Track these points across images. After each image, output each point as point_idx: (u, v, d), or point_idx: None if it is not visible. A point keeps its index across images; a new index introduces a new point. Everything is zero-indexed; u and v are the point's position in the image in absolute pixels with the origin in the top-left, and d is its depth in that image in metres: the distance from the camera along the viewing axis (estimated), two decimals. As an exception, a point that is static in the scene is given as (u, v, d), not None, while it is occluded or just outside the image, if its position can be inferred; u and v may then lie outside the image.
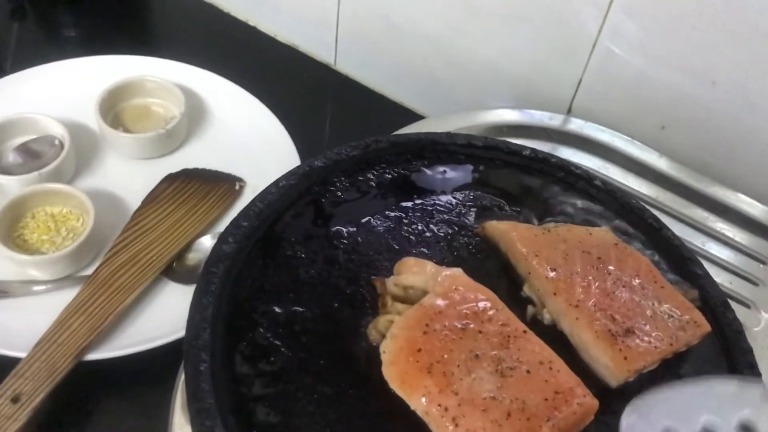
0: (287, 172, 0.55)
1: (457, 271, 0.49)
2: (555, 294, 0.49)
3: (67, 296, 0.68)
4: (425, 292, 0.48)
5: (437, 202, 0.56)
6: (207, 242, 0.74)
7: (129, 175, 0.80)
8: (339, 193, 0.55)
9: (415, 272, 0.48)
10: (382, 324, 0.47)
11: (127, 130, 0.82)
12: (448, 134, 0.60)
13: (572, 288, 0.49)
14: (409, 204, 0.55)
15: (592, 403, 0.43)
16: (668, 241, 0.55)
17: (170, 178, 0.79)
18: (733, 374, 0.48)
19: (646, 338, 0.46)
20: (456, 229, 0.54)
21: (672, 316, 0.48)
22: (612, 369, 0.45)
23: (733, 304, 0.54)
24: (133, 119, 0.84)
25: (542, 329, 0.48)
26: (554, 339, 0.47)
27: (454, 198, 0.56)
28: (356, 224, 0.53)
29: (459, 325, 0.45)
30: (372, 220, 0.54)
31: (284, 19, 0.98)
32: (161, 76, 0.85)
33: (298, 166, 0.55)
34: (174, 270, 0.72)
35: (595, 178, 0.58)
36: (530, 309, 0.50)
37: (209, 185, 0.79)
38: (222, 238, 0.50)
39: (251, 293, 0.48)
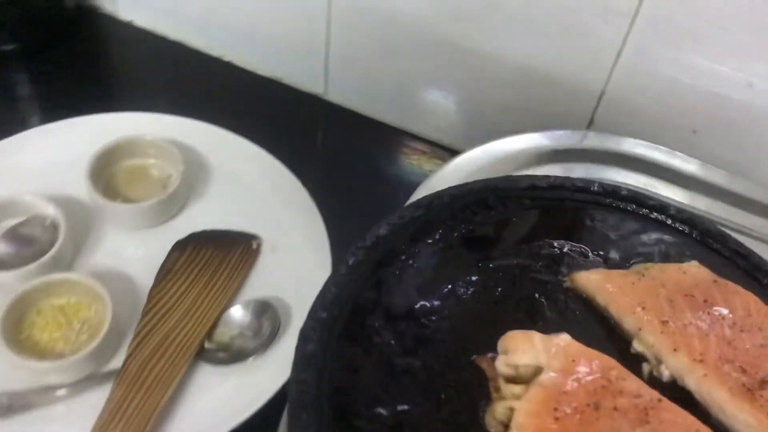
0: (353, 247, 0.50)
1: (566, 338, 0.45)
2: (675, 350, 0.45)
3: (92, 398, 0.62)
4: (538, 367, 0.44)
5: (517, 256, 0.52)
6: (237, 314, 0.68)
7: (133, 249, 0.73)
8: (411, 262, 0.50)
9: (525, 349, 0.44)
10: (500, 412, 0.42)
11: (123, 198, 0.75)
12: (508, 178, 0.56)
13: (691, 341, 0.45)
14: (489, 264, 0.51)
15: (752, 471, 0.40)
16: (759, 267, 0.53)
17: (180, 247, 0.73)
18: None
19: (785, 388, 0.43)
20: (544, 285, 0.50)
21: (799, 356, 0.45)
22: (756, 428, 0.42)
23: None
24: (126, 184, 0.77)
25: (662, 387, 0.45)
26: (678, 397, 0.44)
27: (533, 249, 0.52)
28: (439, 295, 0.49)
29: (590, 404, 0.41)
30: (454, 288, 0.49)
31: (264, 51, 0.92)
32: (148, 132, 0.78)
33: (363, 239, 0.50)
34: (206, 350, 0.66)
35: (670, 207, 0.55)
36: (645, 367, 0.47)
37: (224, 249, 0.73)
38: (304, 336, 0.45)
39: (349, 396, 0.43)
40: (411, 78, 0.86)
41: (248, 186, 0.79)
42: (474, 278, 0.50)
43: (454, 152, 0.74)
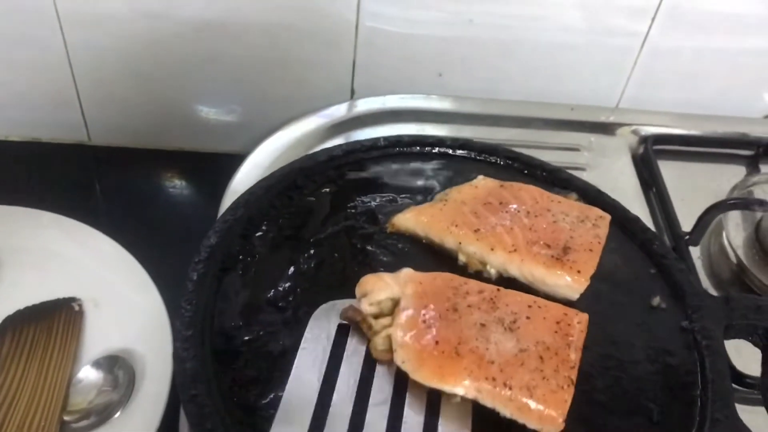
0: (193, 263, 0.51)
1: (409, 270, 0.51)
2: (492, 249, 0.53)
3: None
4: (394, 300, 0.49)
5: (339, 221, 0.56)
6: (89, 375, 0.65)
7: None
8: (249, 258, 0.53)
9: (380, 287, 0.49)
10: (380, 342, 0.47)
11: None
12: (309, 156, 0.60)
13: (502, 238, 0.53)
14: (320, 236, 0.55)
15: (585, 316, 0.48)
16: (530, 164, 0.63)
17: (-2, 335, 0.68)
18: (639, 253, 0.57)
19: (581, 248, 0.53)
20: (372, 236, 0.56)
21: (583, 220, 0.55)
22: (573, 286, 0.51)
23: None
24: None
25: (493, 283, 0.53)
26: (508, 286, 0.52)
27: (351, 211, 0.57)
28: (286, 278, 0.52)
29: (449, 309, 0.48)
30: (298, 267, 0.53)
31: (11, 115, 0.88)
32: None
33: (198, 253, 0.52)
34: (67, 423, 0.63)
35: (446, 139, 0.63)
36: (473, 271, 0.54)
37: (46, 321, 0.70)
38: (179, 357, 0.46)
39: (244, 392, 0.45)
40: (173, 99, 0.86)
41: (46, 252, 0.76)
42: (312, 252, 0.54)
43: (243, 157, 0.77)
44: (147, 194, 0.89)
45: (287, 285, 0.52)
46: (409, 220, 0.56)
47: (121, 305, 0.72)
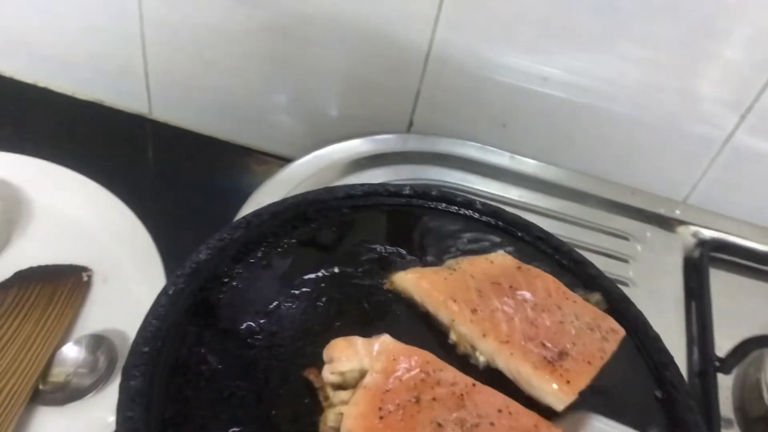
0: (173, 276, 0.50)
1: (387, 339, 0.47)
2: (484, 335, 0.49)
3: None
4: (363, 370, 0.46)
5: (337, 264, 0.54)
6: (71, 352, 0.66)
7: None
8: (234, 283, 0.51)
9: (348, 356, 0.46)
10: (332, 419, 0.44)
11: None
12: (327, 189, 0.57)
13: (498, 325, 0.49)
14: (312, 276, 0.52)
15: (557, 434, 0.44)
16: (558, 249, 0.58)
17: (3, 288, 0.69)
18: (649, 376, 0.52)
19: (579, 358, 0.48)
20: (366, 290, 0.53)
21: (592, 329, 0.50)
22: (558, 395, 0.47)
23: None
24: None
25: (479, 373, 0.49)
26: (493, 379, 0.48)
27: (353, 256, 0.54)
28: (265, 314, 0.50)
29: (412, 399, 0.44)
30: (280, 304, 0.50)
31: (81, 74, 0.89)
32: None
33: (182, 266, 0.50)
34: (41, 392, 0.64)
35: (475, 202, 0.59)
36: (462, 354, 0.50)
37: (53, 284, 0.70)
38: (127, 374, 0.44)
39: (180, 427, 0.43)
40: (236, 91, 0.86)
41: (74, 217, 0.77)
42: (298, 291, 0.51)
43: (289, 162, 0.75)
44: (193, 181, 0.88)
45: (263, 321, 0.49)
46: (409, 281, 0.52)
47: (127, 286, 0.72)
